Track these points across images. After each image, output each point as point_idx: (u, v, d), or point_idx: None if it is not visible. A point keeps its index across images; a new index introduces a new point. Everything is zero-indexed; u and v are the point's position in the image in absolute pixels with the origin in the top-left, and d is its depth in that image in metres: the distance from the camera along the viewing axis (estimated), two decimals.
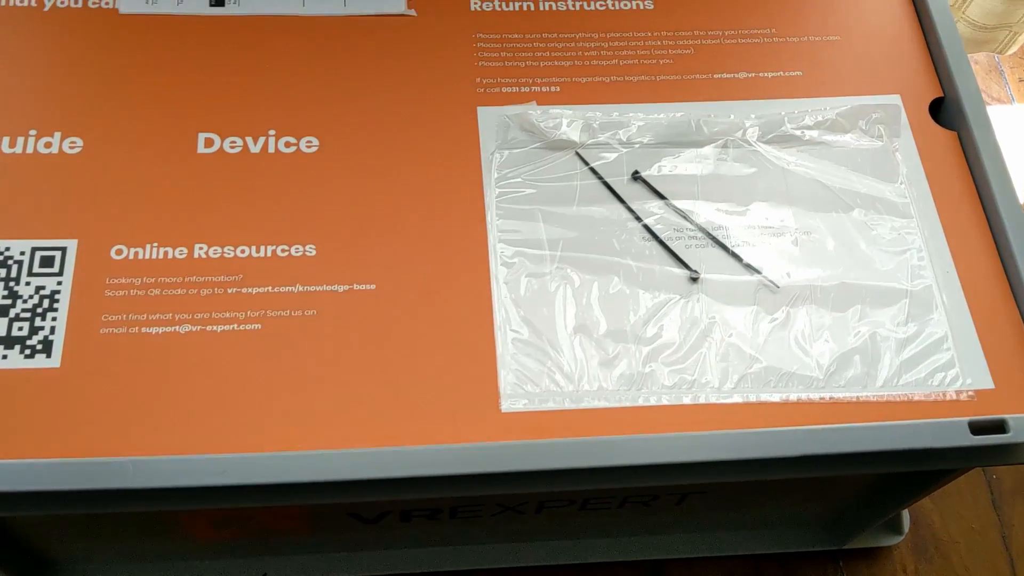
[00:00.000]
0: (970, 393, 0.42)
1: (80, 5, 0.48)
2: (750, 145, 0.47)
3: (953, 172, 0.47)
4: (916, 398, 0.41)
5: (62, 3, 0.48)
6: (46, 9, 0.47)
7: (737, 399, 0.41)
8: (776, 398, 0.41)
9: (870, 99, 0.49)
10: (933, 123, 0.49)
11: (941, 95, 0.50)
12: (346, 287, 0.42)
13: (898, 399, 0.41)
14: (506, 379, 0.41)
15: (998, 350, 0.43)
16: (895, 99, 0.49)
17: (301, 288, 0.42)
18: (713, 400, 0.41)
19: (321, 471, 0.37)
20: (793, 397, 0.41)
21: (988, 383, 0.42)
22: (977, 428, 0.40)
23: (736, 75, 0.50)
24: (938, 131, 0.49)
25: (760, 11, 0.52)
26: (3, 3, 0.47)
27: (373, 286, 0.42)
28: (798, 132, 0.48)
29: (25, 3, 0.47)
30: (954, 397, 0.41)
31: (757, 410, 0.41)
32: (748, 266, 0.44)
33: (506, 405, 0.40)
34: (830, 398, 0.41)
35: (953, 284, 0.44)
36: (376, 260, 0.43)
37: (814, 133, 0.48)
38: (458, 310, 0.42)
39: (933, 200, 0.47)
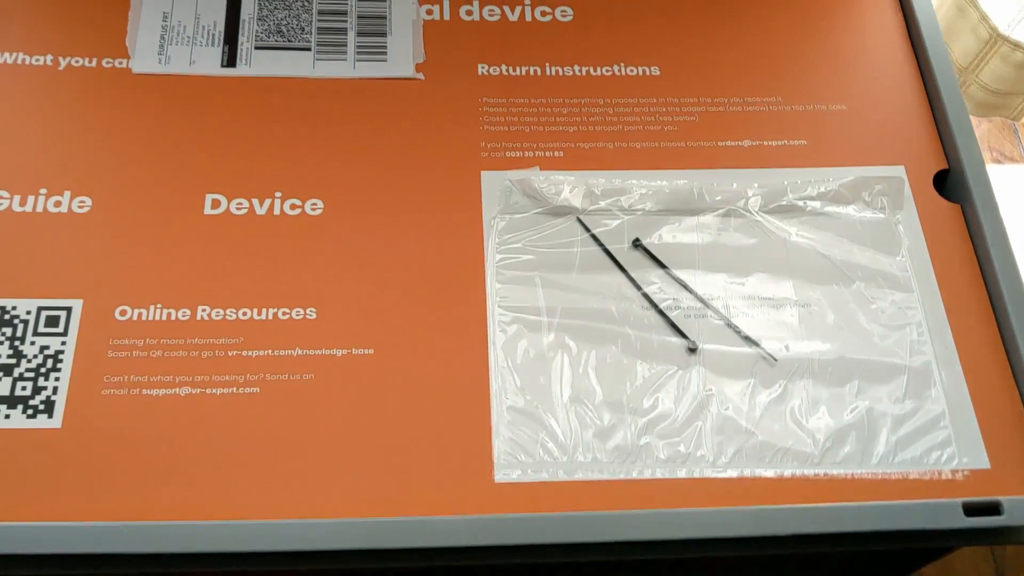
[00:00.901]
0: (965, 473, 0.41)
1: (94, 64, 0.49)
2: (752, 215, 0.48)
3: (956, 246, 0.47)
4: (911, 476, 0.41)
5: (76, 62, 0.49)
6: (61, 68, 0.48)
7: (732, 474, 0.41)
8: (771, 474, 0.41)
9: (874, 170, 0.49)
10: (937, 196, 0.49)
11: (946, 167, 0.50)
12: (345, 351, 0.43)
13: (893, 477, 0.41)
14: (500, 448, 0.41)
15: (995, 430, 0.42)
16: (899, 170, 0.50)
17: (300, 352, 0.42)
18: (708, 475, 0.41)
19: (312, 540, 0.38)
20: (788, 473, 0.41)
21: (984, 463, 0.42)
22: (971, 509, 0.40)
23: (740, 143, 0.50)
24: (942, 204, 0.49)
25: (766, 79, 0.52)
26: (19, 61, 0.48)
27: (372, 350, 0.43)
28: (800, 202, 0.48)
29: (40, 62, 0.48)
30: (949, 476, 0.41)
31: (752, 485, 0.41)
32: (746, 338, 0.44)
33: (500, 475, 0.40)
34: (825, 475, 0.41)
35: (952, 361, 0.44)
36: (375, 324, 0.43)
37: (816, 204, 0.48)
38: (455, 376, 0.42)
39: (935, 274, 0.47)
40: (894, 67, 0.53)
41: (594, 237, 0.47)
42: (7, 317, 0.42)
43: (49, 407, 0.40)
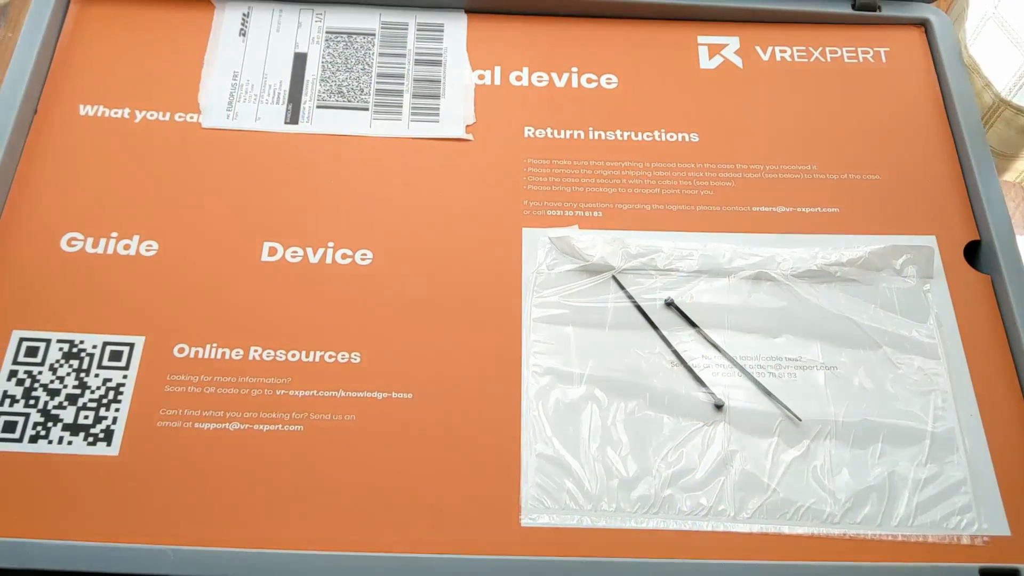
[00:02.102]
0: (985, 539, 0.42)
1: (167, 119, 0.53)
2: (782, 279, 0.49)
3: (984, 316, 0.48)
4: (930, 540, 0.42)
5: (151, 116, 0.53)
6: (136, 121, 0.52)
7: (752, 529, 0.42)
8: (790, 530, 0.42)
9: (906, 239, 0.51)
10: (967, 266, 0.50)
11: (977, 239, 0.51)
12: (385, 395, 0.45)
13: (912, 540, 0.42)
14: (528, 493, 0.43)
15: (1017, 498, 0.43)
16: (930, 240, 0.51)
17: (343, 393, 0.45)
18: (729, 528, 0.43)
19: (345, 572, 0.40)
20: (807, 531, 0.42)
21: (1004, 530, 0.42)
22: (989, 575, 0.40)
23: (774, 209, 0.52)
24: (971, 274, 0.50)
25: (803, 148, 0.54)
26: (99, 114, 0.52)
27: (411, 395, 0.45)
28: (830, 268, 0.49)
29: (119, 115, 0.52)
30: (968, 542, 0.42)
31: (771, 541, 0.42)
32: (772, 398, 0.46)
33: (526, 520, 0.42)
34: (844, 534, 0.42)
35: (976, 428, 0.45)
36: (415, 370, 0.46)
37: (846, 270, 0.49)
38: (488, 422, 0.44)
39: (962, 343, 0.48)
40: (928, 138, 0.55)
41: (628, 295, 0.48)
42: (75, 350, 0.45)
43: (108, 436, 0.43)
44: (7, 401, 0.43)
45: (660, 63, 0.57)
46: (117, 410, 0.44)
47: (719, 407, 0.46)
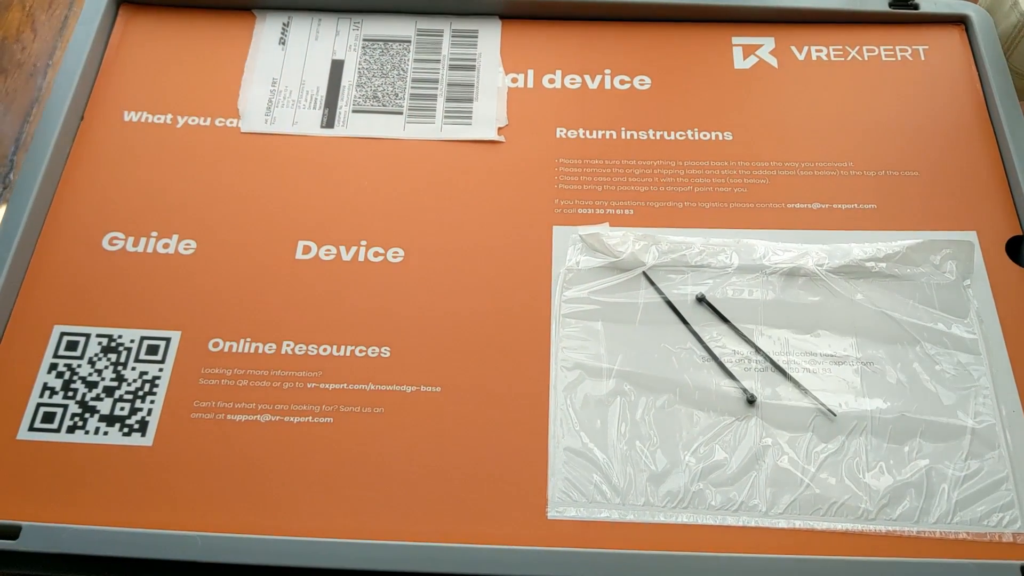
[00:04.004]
0: None
1: (208, 124, 0.54)
2: (818, 275, 0.49)
3: None
4: (969, 537, 0.41)
5: (192, 121, 0.54)
6: (178, 126, 0.54)
7: (784, 524, 0.42)
8: (824, 526, 0.42)
9: (946, 235, 0.50)
10: (1009, 261, 0.49)
11: (1020, 233, 0.50)
12: (413, 388, 0.45)
13: (950, 537, 0.41)
14: (555, 486, 0.43)
15: None
16: (971, 235, 0.50)
17: (373, 387, 0.45)
18: (760, 524, 0.42)
19: (372, 561, 0.40)
20: (841, 527, 0.41)
21: None
22: None
23: (809, 205, 0.51)
24: (1013, 269, 0.49)
25: (839, 145, 0.54)
26: (143, 119, 0.54)
27: (439, 388, 0.45)
28: (868, 264, 0.49)
29: (161, 120, 0.54)
30: (1010, 540, 0.41)
31: (803, 537, 0.41)
32: (806, 392, 0.45)
33: (553, 512, 0.42)
34: (880, 531, 0.41)
35: (1018, 424, 0.44)
36: (444, 364, 0.46)
37: (883, 266, 0.49)
38: (516, 416, 0.44)
39: (1004, 338, 0.46)
40: (968, 134, 0.54)
41: (658, 290, 0.48)
42: (113, 344, 0.46)
43: (143, 427, 0.44)
44: (47, 393, 0.45)
45: (694, 64, 0.57)
46: (152, 402, 0.44)
47: (751, 402, 0.45)
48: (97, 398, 0.44)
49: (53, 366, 0.45)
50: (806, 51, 0.58)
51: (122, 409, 0.44)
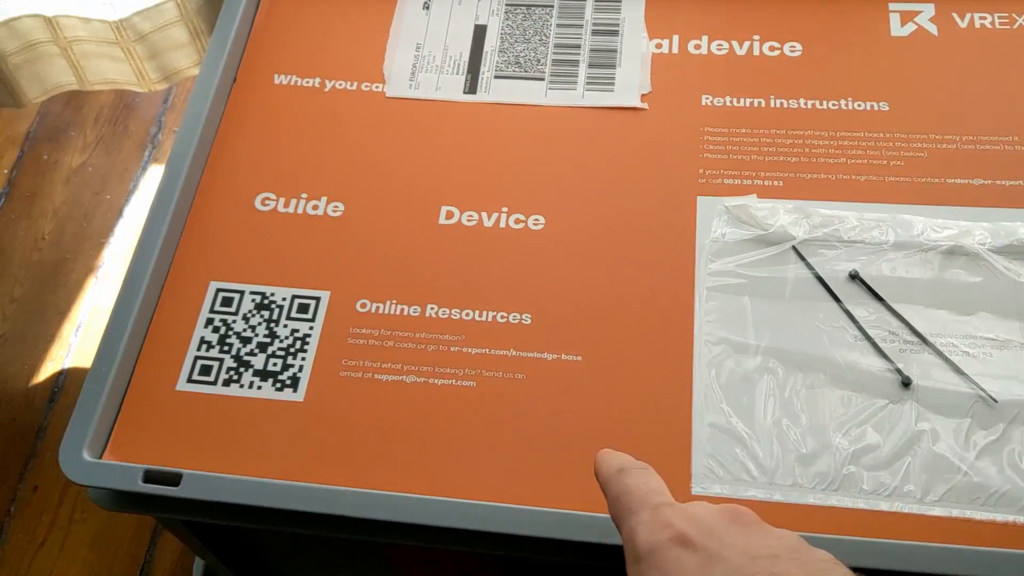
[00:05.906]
0: None
1: (354, 88, 0.55)
2: (979, 254, 0.46)
3: None
4: None
5: (339, 85, 0.55)
6: (326, 90, 0.55)
7: (939, 512, 0.40)
8: (982, 516, 0.40)
9: None
10: None
11: None
12: (555, 356, 0.45)
13: None
14: (699, 462, 0.42)
15: None
16: None
17: (514, 353, 0.45)
18: (914, 510, 0.40)
19: (505, 524, 0.40)
20: (1002, 518, 0.40)
21: None
22: None
23: (971, 181, 0.49)
24: None
25: (1004, 119, 0.51)
26: (292, 83, 0.55)
27: (580, 357, 0.45)
28: None
29: (309, 84, 0.55)
30: None
31: (960, 526, 0.40)
32: (965, 377, 0.43)
33: (697, 488, 0.41)
34: None
35: None
36: (585, 334, 0.46)
37: None
38: (658, 389, 0.44)
39: None
40: None
41: (809, 265, 0.47)
42: (266, 302, 0.47)
43: (295, 382, 0.45)
44: (204, 346, 0.46)
45: (848, 31, 0.55)
46: (303, 359, 0.46)
47: (906, 384, 0.43)
48: (251, 353, 0.46)
49: (209, 321, 0.47)
50: (969, 18, 0.55)
51: (275, 365, 0.46)
